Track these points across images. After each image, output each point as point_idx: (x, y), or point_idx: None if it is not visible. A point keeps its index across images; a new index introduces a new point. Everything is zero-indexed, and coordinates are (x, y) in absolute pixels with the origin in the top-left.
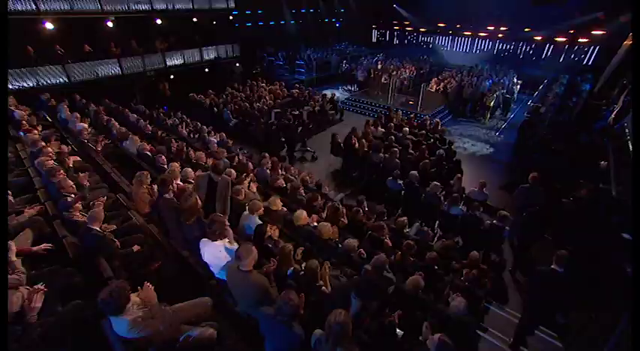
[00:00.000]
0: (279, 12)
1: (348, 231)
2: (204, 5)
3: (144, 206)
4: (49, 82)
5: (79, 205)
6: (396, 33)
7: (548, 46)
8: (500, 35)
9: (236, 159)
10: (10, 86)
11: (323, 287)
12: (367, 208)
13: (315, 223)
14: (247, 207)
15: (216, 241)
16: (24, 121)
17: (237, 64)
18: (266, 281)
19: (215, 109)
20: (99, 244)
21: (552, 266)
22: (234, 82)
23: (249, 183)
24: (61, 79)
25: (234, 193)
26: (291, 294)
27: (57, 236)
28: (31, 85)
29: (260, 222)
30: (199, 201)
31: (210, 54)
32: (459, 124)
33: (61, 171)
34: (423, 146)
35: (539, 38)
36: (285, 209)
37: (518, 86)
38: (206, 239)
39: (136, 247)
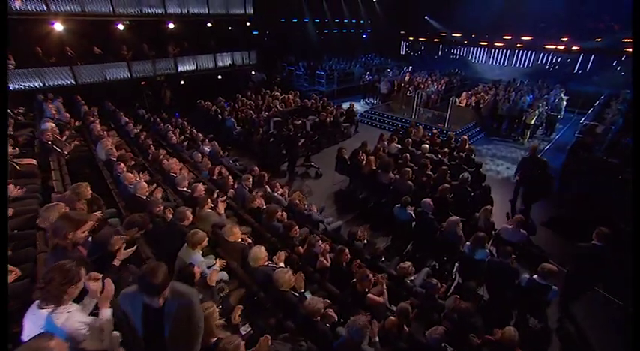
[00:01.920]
0: (302, 21)
1: (330, 276)
2: (221, 10)
3: None
4: (55, 83)
5: None
6: (425, 45)
7: (605, 58)
8: (561, 47)
9: (216, 172)
10: (17, 86)
11: None
12: (366, 241)
13: (282, 264)
14: (186, 238)
15: (43, 308)
16: None
17: (253, 72)
18: None
19: (220, 116)
20: None
21: (593, 241)
22: (249, 90)
23: (214, 204)
24: (68, 81)
25: (179, 219)
26: None
27: None
28: (37, 85)
29: (201, 259)
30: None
31: (225, 60)
32: (493, 143)
33: None
34: (444, 167)
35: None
36: (248, 241)
37: (565, 102)
38: (34, 304)
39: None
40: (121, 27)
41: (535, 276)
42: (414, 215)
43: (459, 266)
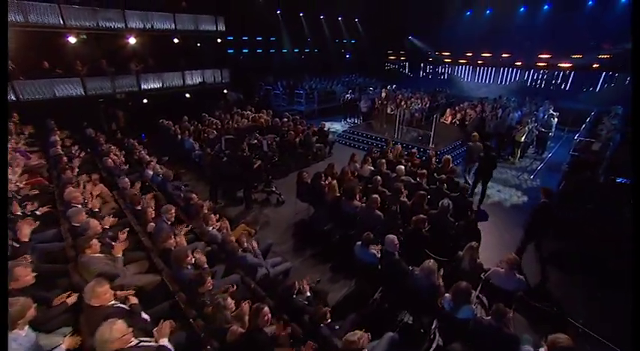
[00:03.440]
0: (280, 40)
1: None
2: (189, 26)
3: None
4: None
5: None
6: (409, 64)
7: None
8: (543, 64)
9: (142, 203)
10: None
11: None
12: (309, 293)
13: (164, 341)
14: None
15: None
16: None
17: (225, 91)
18: None
19: (179, 137)
20: None
21: (542, 200)
22: (218, 110)
23: (106, 244)
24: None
25: (14, 280)
26: None
27: None
28: None
29: (20, 343)
30: None
31: (195, 78)
32: None
33: None
34: (422, 192)
35: (596, 65)
36: (133, 301)
37: (556, 119)
38: None
39: None
40: (72, 40)
41: (542, 350)
42: (378, 255)
43: (439, 325)
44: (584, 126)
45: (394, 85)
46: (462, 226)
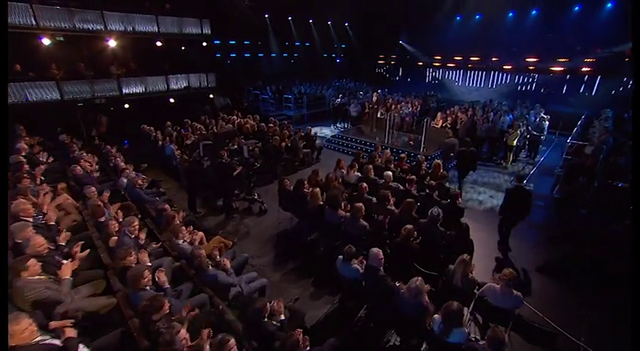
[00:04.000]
0: (268, 44)
1: None
2: (173, 29)
3: None
4: None
5: None
6: (399, 68)
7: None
8: (531, 67)
9: (105, 214)
10: None
11: None
12: (284, 316)
13: None
14: None
15: None
16: None
17: (211, 95)
18: None
19: (159, 143)
20: None
21: (515, 183)
22: (204, 115)
23: (48, 266)
24: None
25: None
26: None
27: None
28: None
29: None
30: None
31: (179, 83)
32: None
33: None
34: (410, 200)
35: (587, 69)
36: (70, 335)
37: (548, 122)
38: None
39: None
40: (46, 42)
41: None
42: (361, 270)
43: (428, 346)
44: (575, 129)
45: (385, 89)
46: (453, 236)
